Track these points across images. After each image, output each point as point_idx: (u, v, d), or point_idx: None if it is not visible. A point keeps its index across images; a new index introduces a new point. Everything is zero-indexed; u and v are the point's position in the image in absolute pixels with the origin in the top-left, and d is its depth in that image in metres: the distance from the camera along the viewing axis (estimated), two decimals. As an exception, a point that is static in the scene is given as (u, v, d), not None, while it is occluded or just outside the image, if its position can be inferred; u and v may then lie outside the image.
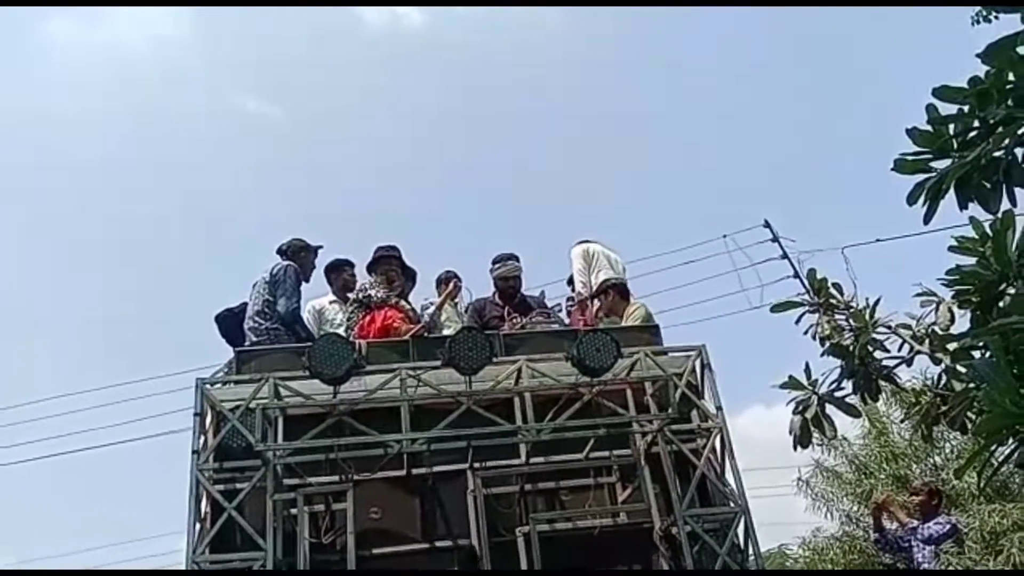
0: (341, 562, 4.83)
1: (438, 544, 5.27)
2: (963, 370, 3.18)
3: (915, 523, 7.30)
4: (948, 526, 7.20)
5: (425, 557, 5.20)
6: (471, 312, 6.97)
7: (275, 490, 4.86)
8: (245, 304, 6.39)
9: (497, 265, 7.11)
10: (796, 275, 14.49)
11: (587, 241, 7.60)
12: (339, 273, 6.87)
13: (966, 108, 2.47)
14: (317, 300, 6.84)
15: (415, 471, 5.41)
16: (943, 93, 2.47)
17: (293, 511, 5.01)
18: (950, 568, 7.02)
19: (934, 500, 7.53)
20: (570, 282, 7.91)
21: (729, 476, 5.32)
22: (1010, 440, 2.67)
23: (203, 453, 4.97)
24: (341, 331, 6.22)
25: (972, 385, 3.12)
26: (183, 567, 4.66)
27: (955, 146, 2.56)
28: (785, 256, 14.96)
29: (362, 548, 4.95)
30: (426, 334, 6.22)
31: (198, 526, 4.85)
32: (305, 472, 5.21)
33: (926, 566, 7.09)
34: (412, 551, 5.20)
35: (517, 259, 7.20)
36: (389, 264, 6.79)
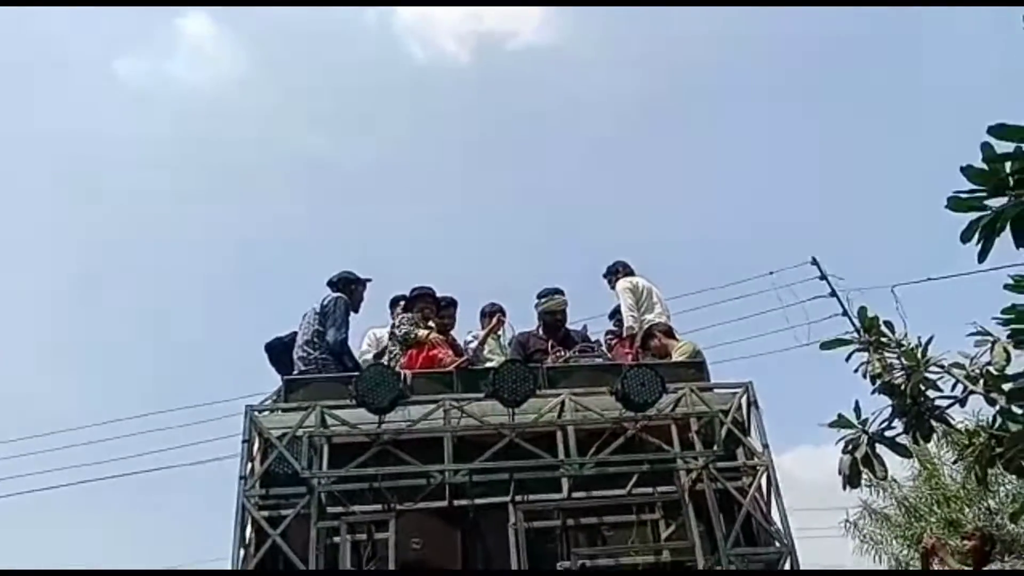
0: (382, 592, 4.85)
1: (479, 577, 5.25)
2: (1019, 411, 3.11)
3: (966, 570, 7.07)
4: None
5: (465, 589, 5.19)
6: (515, 345, 7.01)
7: (319, 517, 4.91)
8: (294, 334, 6.52)
9: (543, 300, 7.15)
10: (845, 312, 14.27)
11: (631, 274, 7.59)
12: (394, 308, 7.06)
13: (1023, 146, 2.45)
14: (379, 329, 7.00)
15: (457, 502, 5.42)
16: (999, 131, 2.45)
17: (336, 539, 5.06)
18: None
19: (987, 546, 7.29)
20: (612, 315, 7.89)
21: (775, 515, 5.23)
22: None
23: (250, 479, 5.05)
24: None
25: (1029, 427, 3.06)
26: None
27: (1011, 184, 2.53)
28: (834, 294, 14.75)
29: (403, 578, 4.96)
30: (470, 366, 6.27)
31: (242, 552, 4.91)
32: (349, 500, 5.25)
33: None
34: (452, 583, 5.19)
35: (563, 293, 7.23)
36: (425, 302, 6.92)
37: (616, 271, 7.71)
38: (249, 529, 5.07)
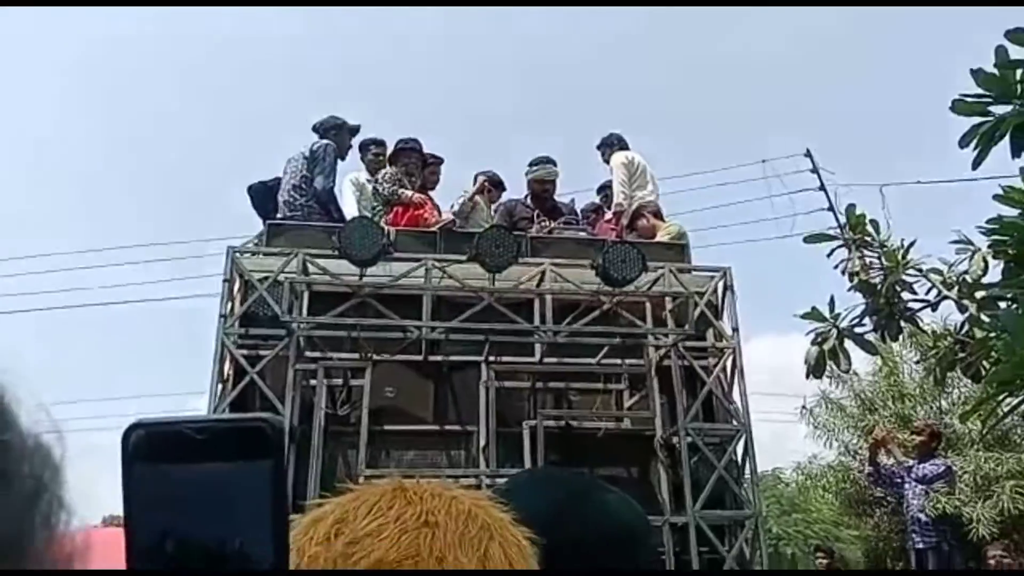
0: (354, 434, 5.04)
1: (447, 428, 5.46)
2: (987, 319, 3.19)
3: (911, 462, 7.48)
4: (943, 468, 7.39)
5: (434, 438, 5.40)
6: (501, 212, 6.96)
7: (296, 360, 5.03)
8: (278, 178, 6.42)
9: (535, 168, 7.04)
10: (831, 208, 14.25)
11: (626, 147, 7.45)
12: (365, 153, 6.88)
13: (1040, 54, 2.38)
14: (355, 174, 6.81)
15: (432, 358, 5.56)
16: (1016, 36, 2.38)
17: (312, 382, 5.20)
18: (938, 506, 7.24)
19: (933, 441, 7.69)
20: (600, 190, 7.81)
21: (736, 396, 5.44)
22: (1020, 391, 2.72)
23: (230, 318, 5.12)
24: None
25: (993, 335, 3.14)
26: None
27: (1019, 92, 2.49)
28: (823, 188, 14.67)
29: (375, 423, 5.15)
30: (455, 226, 6.26)
31: (220, 387, 5.05)
32: (326, 347, 5.37)
33: (915, 503, 7.31)
34: (422, 431, 5.40)
35: (555, 163, 7.11)
36: (409, 157, 6.76)
37: (611, 143, 7.52)
38: (227, 366, 5.19)
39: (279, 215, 6.15)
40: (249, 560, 0.44)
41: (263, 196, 6.47)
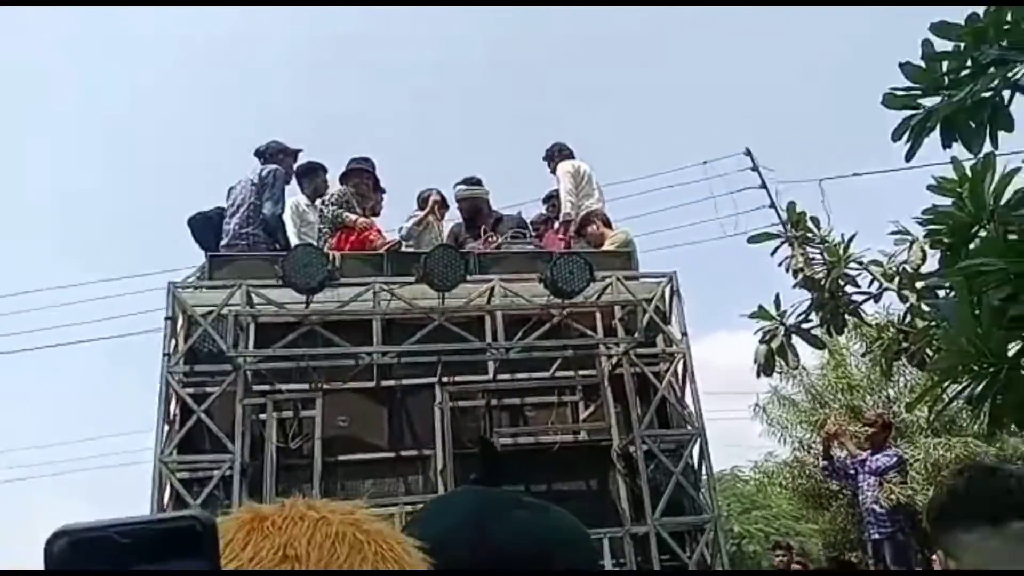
0: (308, 466, 4.92)
1: (403, 454, 5.38)
2: (927, 308, 3.26)
3: (863, 455, 7.62)
4: (895, 459, 7.55)
5: (390, 465, 5.31)
6: (448, 235, 6.92)
7: (244, 395, 4.89)
8: (219, 209, 6.26)
9: (460, 187, 7.03)
10: (773, 205, 14.52)
11: (571, 156, 7.48)
12: (312, 177, 6.70)
13: (962, 46, 2.45)
14: (295, 199, 6.63)
15: (384, 383, 5.47)
16: (940, 29, 2.45)
17: (262, 416, 5.07)
18: (891, 496, 7.37)
19: (885, 432, 7.86)
20: (547, 199, 7.82)
21: (688, 400, 5.47)
22: (963, 378, 2.77)
23: (174, 356, 4.96)
24: (316, 239, 6.16)
25: (934, 323, 3.21)
26: (151, 466, 4.72)
27: (946, 83, 2.55)
28: (764, 186, 14.92)
29: (329, 454, 5.05)
30: (403, 247, 6.20)
31: (167, 427, 4.88)
32: (275, 379, 5.24)
33: (870, 495, 7.45)
34: (378, 459, 5.31)
35: (480, 183, 7.10)
36: (361, 177, 6.68)
37: (556, 153, 7.56)
38: (174, 405, 5.03)
39: (223, 242, 5.99)
40: None
41: (204, 227, 6.30)
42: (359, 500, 0.75)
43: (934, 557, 6.52)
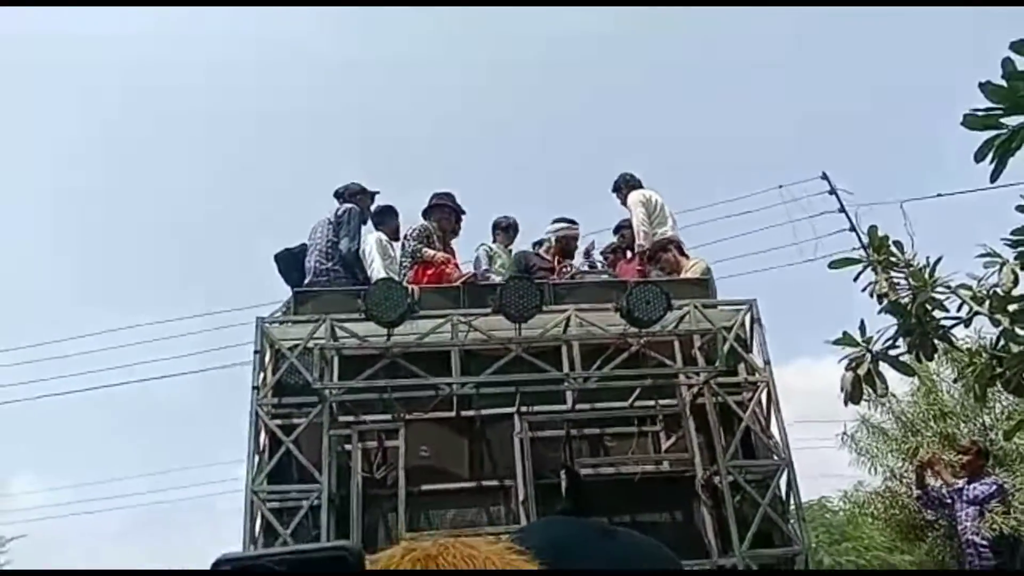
0: (392, 496, 5.02)
1: (485, 483, 5.43)
2: (1022, 332, 3.14)
3: (960, 483, 7.28)
4: (994, 487, 7.17)
5: (472, 495, 5.36)
6: (515, 260, 6.99)
7: (331, 426, 5.04)
8: (303, 245, 6.53)
9: (560, 225, 7.19)
10: (853, 228, 14.14)
11: (639, 186, 7.50)
12: (387, 221, 6.95)
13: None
14: (378, 234, 6.84)
15: (464, 413, 5.55)
16: (1021, 47, 2.40)
17: (347, 447, 5.21)
18: (994, 527, 7.01)
19: (981, 460, 7.48)
20: (617, 230, 7.83)
21: (774, 429, 5.36)
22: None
23: (263, 389, 5.16)
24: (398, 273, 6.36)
25: (1029, 347, 3.09)
26: (243, 496, 4.89)
27: (1029, 103, 2.49)
28: (842, 209, 14.56)
29: (412, 484, 5.13)
30: (477, 279, 6.32)
31: (256, 458, 5.07)
32: (359, 410, 5.38)
33: (969, 525, 7.09)
34: (460, 489, 5.37)
35: (576, 223, 7.27)
36: (443, 212, 6.87)
37: (626, 183, 7.59)
38: (263, 436, 5.21)
39: (306, 280, 6.24)
40: None
41: (289, 263, 6.58)
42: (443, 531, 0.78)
43: None
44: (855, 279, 3.57)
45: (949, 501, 7.32)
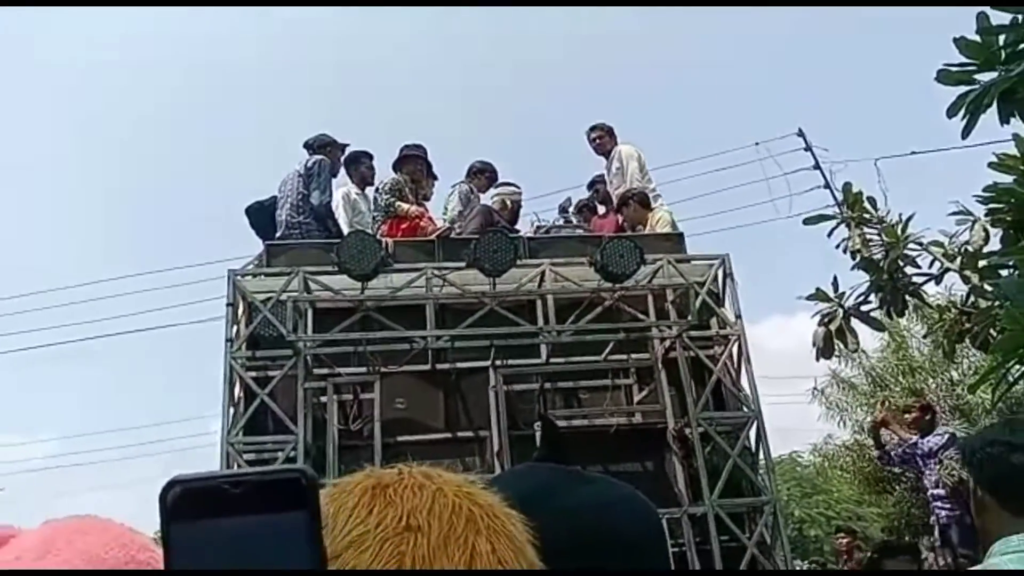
0: (368, 448, 5.04)
1: (460, 435, 5.46)
2: (990, 288, 3.19)
3: (914, 438, 7.51)
4: (946, 436, 7.44)
5: (448, 447, 5.40)
6: (481, 212, 6.73)
7: (305, 379, 5.03)
8: (275, 198, 6.43)
9: (511, 188, 7.05)
10: (827, 186, 14.19)
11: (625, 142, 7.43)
12: (357, 166, 6.80)
13: (1020, 18, 2.38)
14: (345, 188, 6.73)
15: (439, 366, 5.56)
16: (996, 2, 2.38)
17: (323, 399, 5.21)
18: (952, 473, 7.24)
19: (927, 415, 7.75)
20: (591, 185, 7.74)
21: (744, 382, 5.43)
22: (1029, 358, 2.71)
23: (236, 342, 5.13)
24: (369, 226, 6.27)
25: (997, 303, 3.14)
26: (219, 449, 4.89)
27: (1002, 58, 2.48)
28: (817, 166, 14.58)
29: (388, 436, 5.16)
30: (452, 233, 6.28)
31: (232, 411, 5.06)
32: (334, 363, 5.37)
33: (931, 478, 7.32)
34: (435, 440, 5.40)
35: (518, 186, 7.14)
36: (416, 164, 6.76)
37: (609, 132, 7.46)
38: (238, 389, 5.20)
39: (278, 234, 6.16)
40: None
41: (261, 216, 6.49)
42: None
43: None
44: (828, 235, 3.60)
45: (908, 456, 7.54)
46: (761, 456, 5.27)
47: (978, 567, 1.98)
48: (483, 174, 7.07)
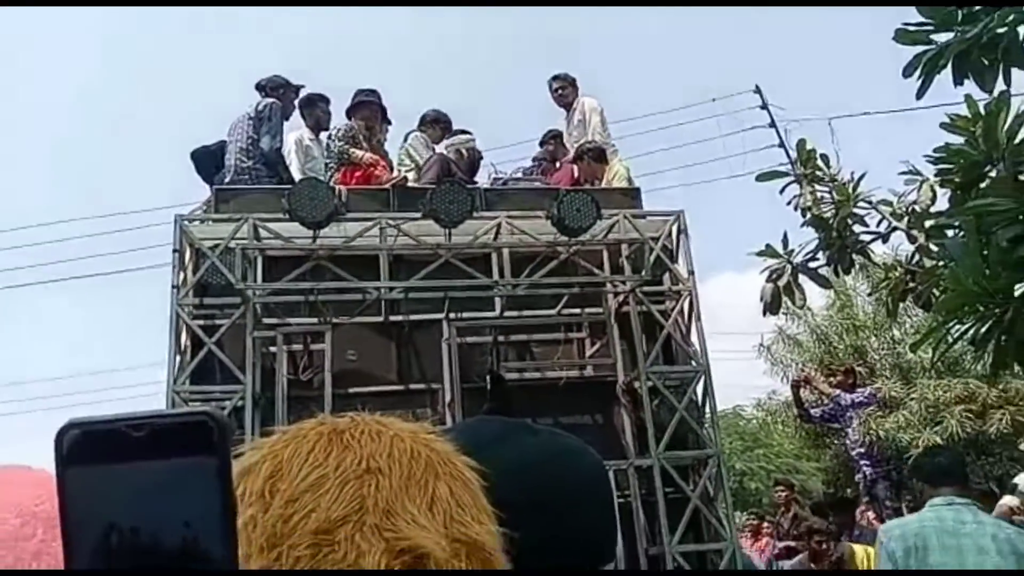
0: (318, 399, 5.01)
1: (412, 387, 5.46)
2: (935, 248, 3.26)
3: (837, 392, 7.90)
4: (867, 394, 7.89)
5: (399, 398, 5.40)
6: (438, 162, 6.56)
7: (254, 328, 4.95)
8: (222, 142, 6.23)
9: (466, 137, 6.92)
10: (782, 144, 14.32)
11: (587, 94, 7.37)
12: (312, 109, 6.60)
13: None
14: (298, 133, 6.55)
15: (392, 318, 5.52)
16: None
17: (272, 349, 5.14)
18: (871, 430, 7.61)
19: (850, 379, 8.16)
20: (543, 142, 7.63)
21: (694, 338, 5.51)
22: (968, 318, 2.78)
23: (183, 289, 5.01)
24: (321, 173, 6.13)
25: (941, 263, 3.21)
26: (164, 397, 4.81)
27: (959, 19, 2.50)
28: (773, 124, 14.71)
29: (339, 387, 5.12)
30: (408, 182, 6.18)
31: (178, 359, 4.96)
32: (284, 313, 5.30)
33: (854, 436, 7.71)
34: (387, 392, 5.38)
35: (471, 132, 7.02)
36: (371, 110, 6.60)
37: (572, 83, 7.37)
38: (184, 337, 5.10)
39: (227, 179, 5.99)
40: (196, 557, 0.43)
41: (207, 161, 6.29)
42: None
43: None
44: (780, 192, 3.63)
45: (830, 412, 7.93)
46: (707, 410, 5.38)
47: (912, 514, 3.49)
48: (437, 124, 6.93)
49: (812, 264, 3.63)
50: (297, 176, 5.98)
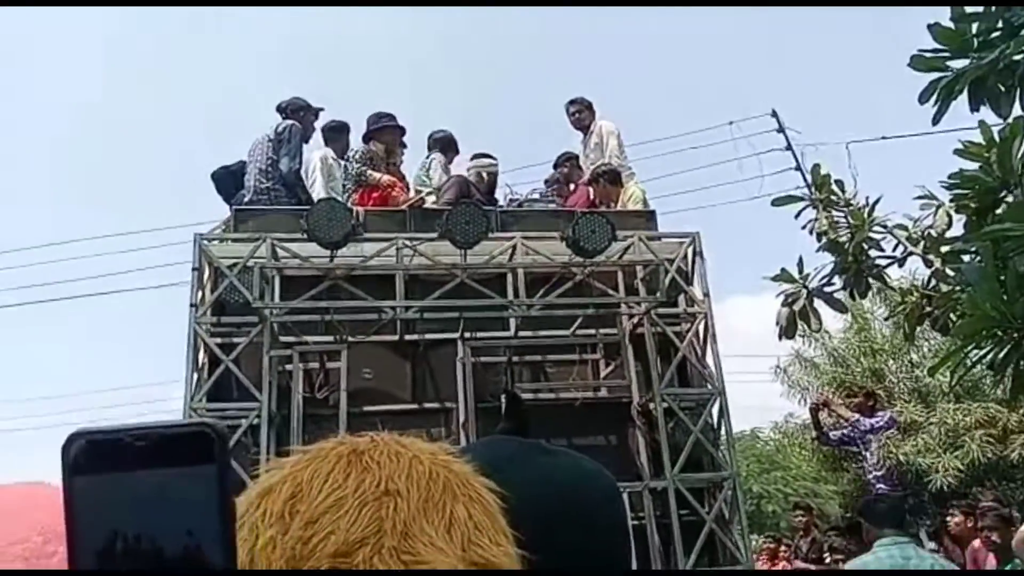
0: (333, 417, 5.03)
1: (426, 406, 5.47)
2: (952, 273, 3.24)
3: (856, 416, 7.81)
4: (886, 418, 7.79)
5: (414, 417, 5.41)
6: (457, 183, 6.70)
7: (271, 346, 4.99)
8: (242, 162, 6.32)
9: (487, 160, 6.98)
10: (799, 168, 14.30)
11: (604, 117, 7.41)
12: (339, 136, 6.71)
13: (993, 8, 2.40)
14: (323, 151, 6.62)
15: (407, 337, 5.55)
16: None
17: (288, 367, 5.17)
18: (890, 454, 7.53)
19: (870, 401, 8.08)
20: (557, 164, 7.65)
21: (709, 360, 5.49)
22: (986, 343, 2.76)
23: (201, 307, 5.07)
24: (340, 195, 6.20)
25: (958, 288, 3.19)
26: (181, 414, 4.85)
27: (975, 46, 2.51)
28: (789, 148, 14.69)
29: (354, 405, 5.14)
30: (425, 203, 6.24)
31: (195, 376, 5.01)
32: (301, 331, 5.33)
33: (872, 459, 7.63)
34: (401, 411, 5.39)
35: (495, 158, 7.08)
36: (392, 134, 6.69)
37: (588, 106, 7.41)
38: (202, 355, 5.14)
39: (246, 199, 6.07)
40: (197, 565, 0.45)
41: (227, 181, 6.38)
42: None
43: (948, 518, 6.59)
44: (796, 216, 3.63)
45: (849, 436, 7.86)
46: (723, 432, 5.35)
47: (862, 556, 3.79)
48: (452, 145, 7.04)
49: (828, 288, 3.62)
50: (320, 192, 6.05)
